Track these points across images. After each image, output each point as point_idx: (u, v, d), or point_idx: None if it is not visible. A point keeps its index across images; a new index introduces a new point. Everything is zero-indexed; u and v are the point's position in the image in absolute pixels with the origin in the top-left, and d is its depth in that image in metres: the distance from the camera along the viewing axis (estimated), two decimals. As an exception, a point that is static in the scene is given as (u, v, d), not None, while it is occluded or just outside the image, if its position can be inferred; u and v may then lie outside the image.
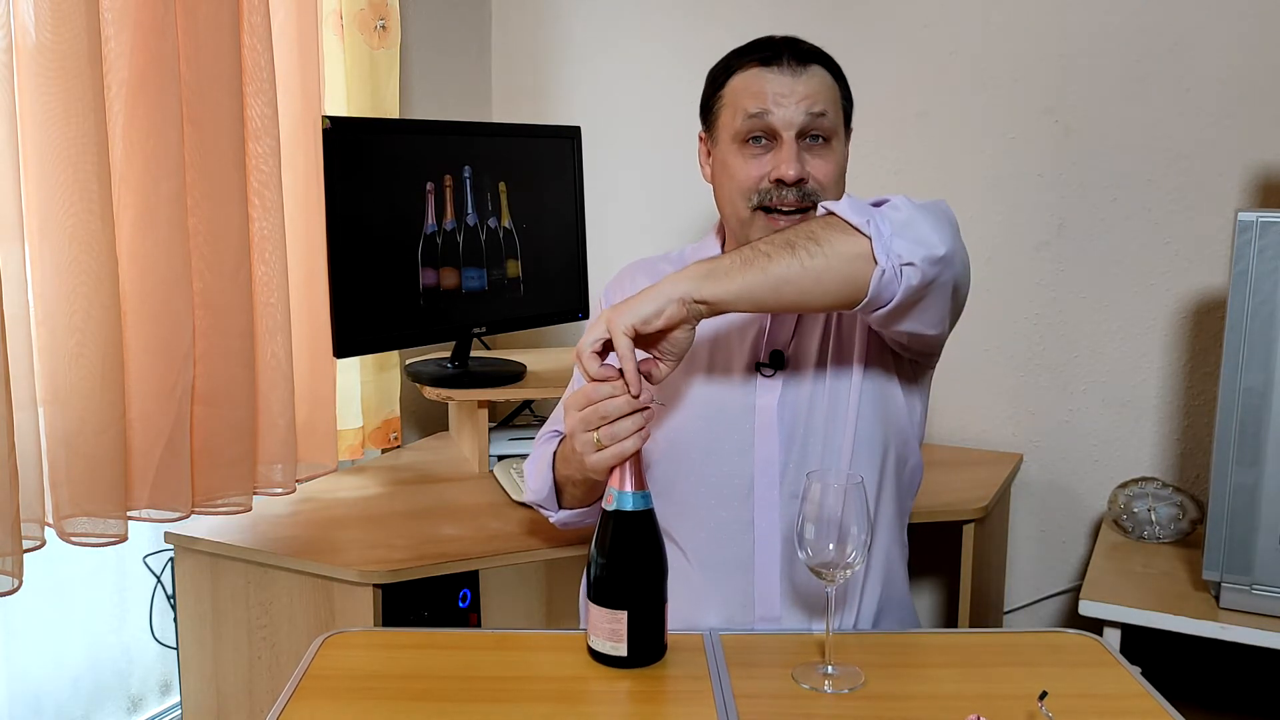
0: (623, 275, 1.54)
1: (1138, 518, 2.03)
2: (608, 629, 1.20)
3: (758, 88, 1.35)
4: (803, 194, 1.34)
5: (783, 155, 1.33)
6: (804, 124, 1.34)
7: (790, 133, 1.33)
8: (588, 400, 1.20)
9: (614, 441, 1.18)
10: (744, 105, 1.35)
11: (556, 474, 1.42)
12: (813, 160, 1.35)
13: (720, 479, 1.38)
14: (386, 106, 2.16)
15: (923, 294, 1.21)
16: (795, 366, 1.39)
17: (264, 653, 1.73)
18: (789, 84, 1.34)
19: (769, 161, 1.35)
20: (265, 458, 1.82)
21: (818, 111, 1.34)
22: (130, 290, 1.61)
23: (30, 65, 1.47)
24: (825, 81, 1.37)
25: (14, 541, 1.45)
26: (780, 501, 1.36)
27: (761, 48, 1.38)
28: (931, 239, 1.18)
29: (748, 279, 1.17)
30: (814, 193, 1.34)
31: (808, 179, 1.34)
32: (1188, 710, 1.17)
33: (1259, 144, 2.07)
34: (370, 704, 1.14)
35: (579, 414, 1.21)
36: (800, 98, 1.33)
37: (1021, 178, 2.25)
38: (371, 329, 1.95)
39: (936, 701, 1.15)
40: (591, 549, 1.21)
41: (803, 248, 1.17)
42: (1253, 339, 1.62)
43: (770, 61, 1.35)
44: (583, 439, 1.20)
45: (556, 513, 1.47)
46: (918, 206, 1.21)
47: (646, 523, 1.21)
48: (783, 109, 1.33)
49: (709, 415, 1.39)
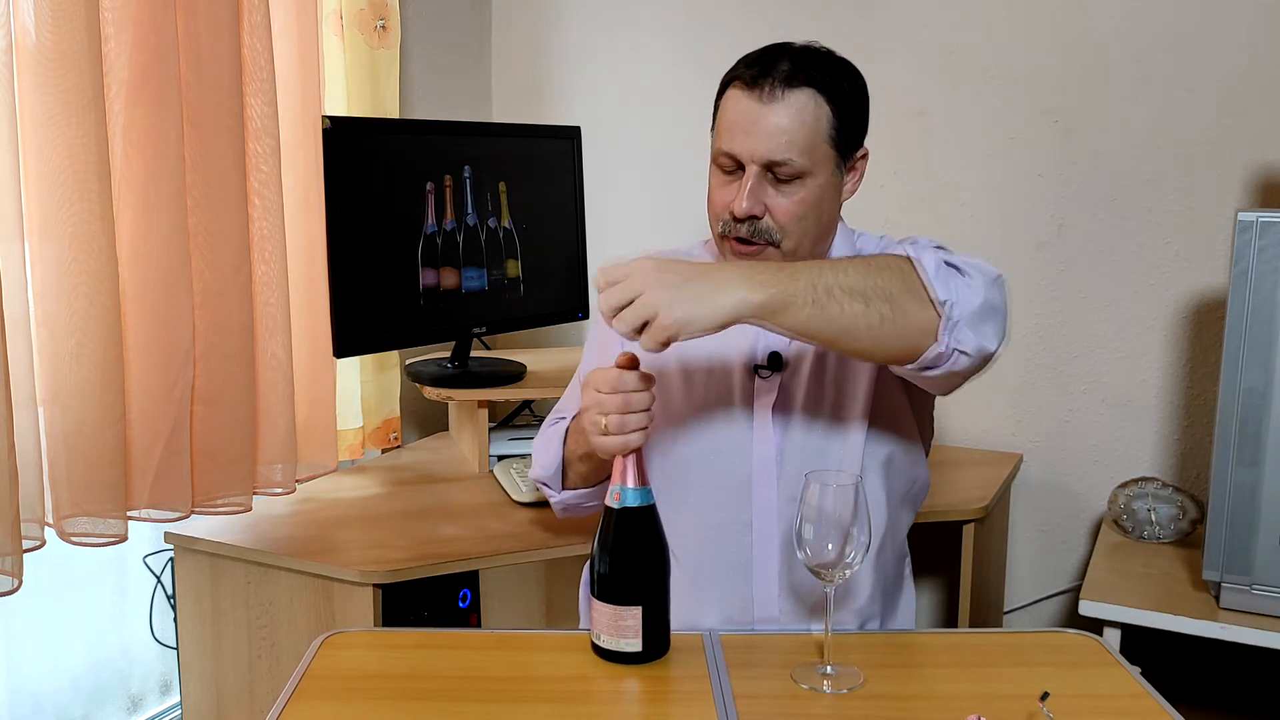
0: None
1: (1138, 518, 2.03)
2: (616, 626, 1.20)
3: (733, 115, 1.30)
4: (754, 230, 1.31)
5: (740, 189, 1.30)
6: (765, 161, 1.28)
7: (753, 166, 1.29)
8: (616, 387, 1.20)
9: (622, 432, 1.19)
10: (720, 136, 1.32)
11: (566, 448, 1.42)
12: (776, 197, 1.30)
13: (718, 480, 1.38)
14: (386, 106, 2.16)
15: (959, 377, 1.23)
16: (794, 369, 1.38)
17: (264, 653, 1.73)
18: (761, 114, 1.27)
19: (732, 191, 1.31)
20: (265, 458, 1.83)
21: (779, 159, 1.27)
22: (130, 290, 1.61)
23: (30, 65, 1.47)
24: (806, 114, 1.28)
25: (14, 541, 1.45)
26: (779, 503, 1.36)
27: (755, 63, 1.31)
28: (992, 338, 1.20)
29: (815, 322, 1.15)
30: (767, 230, 1.30)
31: (762, 215, 1.30)
32: (1188, 710, 1.17)
33: (1259, 144, 2.07)
34: (370, 704, 1.14)
35: (603, 396, 1.21)
36: (768, 133, 1.27)
37: (1021, 178, 2.25)
38: (371, 329, 1.95)
39: (936, 701, 1.15)
40: (594, 547, 1.22)
41: (876, 305, 1.15)
42: (1253, 339, 1.62)
43: (755, 82, 1.29)
44: (592, 419, 1.22)
45: (559, 493, 1.47)
46: (988, 285, 1.21)
47: (652, 518, 1.22)
48: (748, 140, 1.28)
49: (707, 417, 1.39)
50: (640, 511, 1.21)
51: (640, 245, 1.62)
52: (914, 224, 2.33)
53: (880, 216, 2.26)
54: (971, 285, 1.19)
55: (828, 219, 1.36)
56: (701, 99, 2.69)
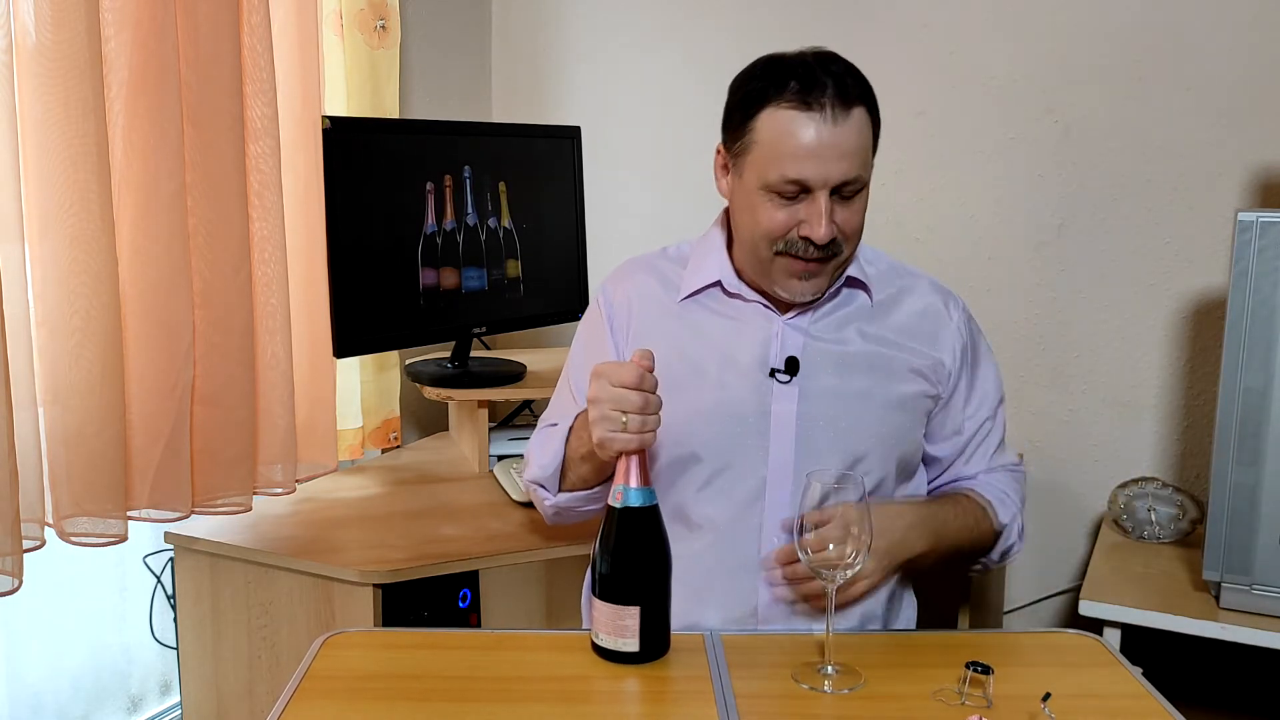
0: (621, 270, 1.53)
1: (1138, 518, 2.03)
2: (615, 625, 1.20)
3: (795, 143, 1.26)
4: (828, 249, 1.31)
5: (815, 213, 1.28)
6: (839, 184, 1.28)
7: (825, 190, 1.28)
8: (639, 385, 1.20)
9: (641, 431, 1.19)
10: (781, 164, 1.28)
11: (569, 447, 1.40)
12: (841, 212, 1.30)
13: (732, 482, 1.38)
14: (386, 106, 2.16)
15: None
16: (810, 373, 1.38)
17: (264, 653, 1.72)
18: (829, 136, 1.26)
19: (800, 213, 1.30)
20: (265, 458, 1.82)
21: (850, 178, 1.28)
22: (130, 290, 1.61)
23: (30, 65, 1.47)
24: (864, 130, 1.29)
25: (14, 541, 1.45)
26: (791, 506, 1.36)
27: (804, 80, 1.27)
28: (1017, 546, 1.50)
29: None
30: (838, 245, 1.32)
31: (836, 236, 1.31)
32: (1188, 710, 1.17)
33: (1259, 144, 2.07)
34: (370, 704, 1.14)
35: (626, 393, 1.20)
36: (839, 155, 1.27)
37: (1021, 178, 2.25)
38: (371, 329, 1.95)
39: (936, 701, 1.15)
40: (596, 546, 1.22)
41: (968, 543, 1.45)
42: (1253, 339, 1.62)
43: (811, 104, 1.26)
44: (605, 414, 1.20)
45: (554, 496, 1.45)
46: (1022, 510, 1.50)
47: (653, 518, 1.22)
48: (821, 166, 1.27)
49: (723, 419, 1.38)
50: (642, 512, 1.21)
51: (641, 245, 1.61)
52: (914, 224, 2.33)
53: (880, 216, 2.26)
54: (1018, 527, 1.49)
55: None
56: (701, 99, 2.69)
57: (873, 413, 1.38)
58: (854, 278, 1.41)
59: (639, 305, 1.46)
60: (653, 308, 1.45)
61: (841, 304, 1.41)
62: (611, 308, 1.48)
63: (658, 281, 1.47)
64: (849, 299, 1.42)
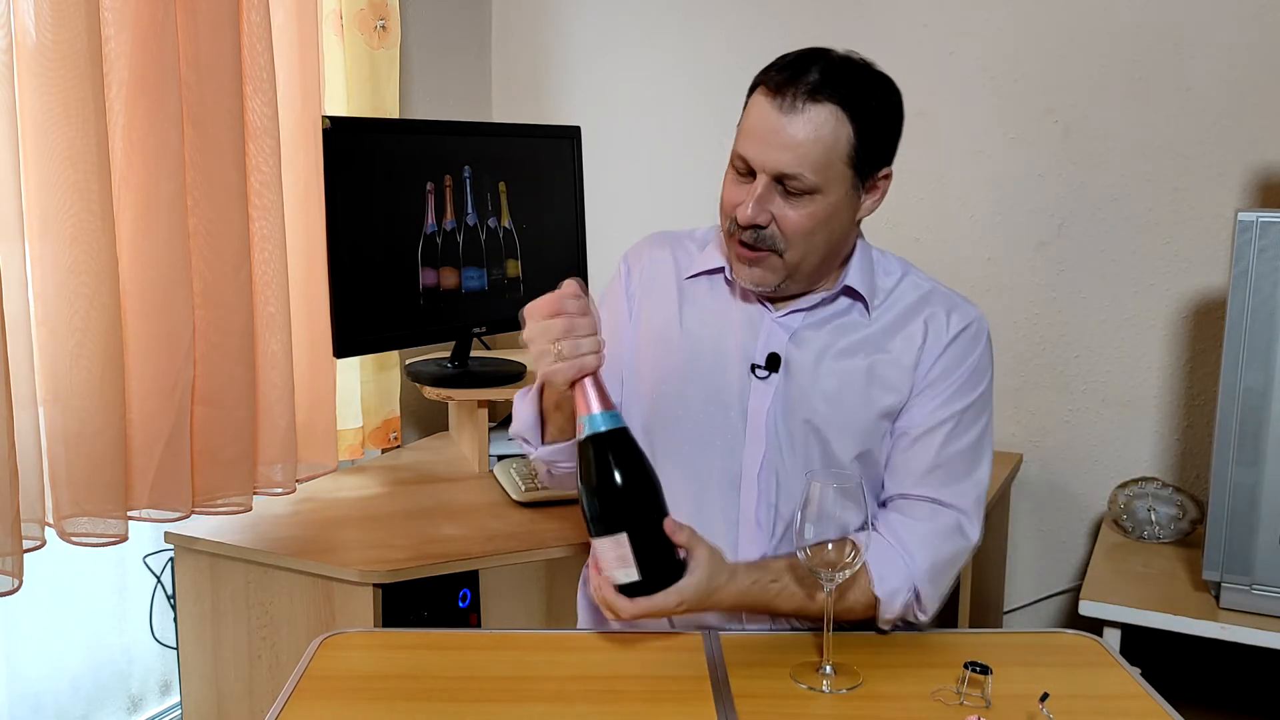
0: (646, 240, 1.52)
1: (1138, 518, 2.03)
2: (614, 557, 1.17)
3: (753, 120, 1.28)
4: (758, 237, 1.30)
5: (749, 195, 1.28)
6: (776, 173, 1.27)
7: (764, 175, 1.27)
8: (557, 310, 1.19)
9: (576, 355, 1.18)
10: (740, 140, 1.30)
11: (543, 399, 1.39)
12: (784, 208, 1.28)
13: (708, 476, 1.38)
14: (386, 106, 2.16)
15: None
16: (791, 370, 1.38)
17: (264, 653, 1.73)
18: (779, 124, 1.25)
19: (743, 192, 1.30)
20: (265, 458, 1.83)
21: (790, 173, 1.26)
22: (130, 290, 1.61)
23: (30, 65, 1.47)
24: (824, 131, 1.25)
25: (14, 541, 1.45)
26: (769, 502, 1.36)
27: (787, 67, 1.28)
28: (917, 613, 1.33)
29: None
30: (771, 239, 1.29)
31: (767, 225, 1.29)
32: (1188, 710, 1.17)
33: (1259, 144, 2.07)
34: (370, 704, 1.14)
35: (544, 321, 1.19)
36: (783, 145, 1.25)
37: (1021, 178, 2.25)
38: (371, 329, 1.95)
39: (936, 701, 1.15)
40: (578, 484, 1.19)
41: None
42: (1253, 339, 1.62)
43: (779, 89, 1.26)
44: (541, 348, 1.20)
45: (538, 448, 1.43)
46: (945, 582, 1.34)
47: (623, 440, 1.17)
48: (763, 149, 1.27)
49: (704, 413, 1.38)
50: (610, 435, 1.16)
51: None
52: (914, 224, 2.33)
53: (880, 216, 2.26)
54: (929, 597, 1.32)
55: (839, 236, 1.34)
56: (701, 98, 2.70)
57: (845, 421, 1.36)
58: (850, 287, 1.39)
59: (649, 274, 1.47)
60: (661, 279, 1.46)
61: (838, 310, 1.40)
62: (629, 273, 1.50)
63: (673, 257, 1.47)
64: (846, 307, 1.41)
